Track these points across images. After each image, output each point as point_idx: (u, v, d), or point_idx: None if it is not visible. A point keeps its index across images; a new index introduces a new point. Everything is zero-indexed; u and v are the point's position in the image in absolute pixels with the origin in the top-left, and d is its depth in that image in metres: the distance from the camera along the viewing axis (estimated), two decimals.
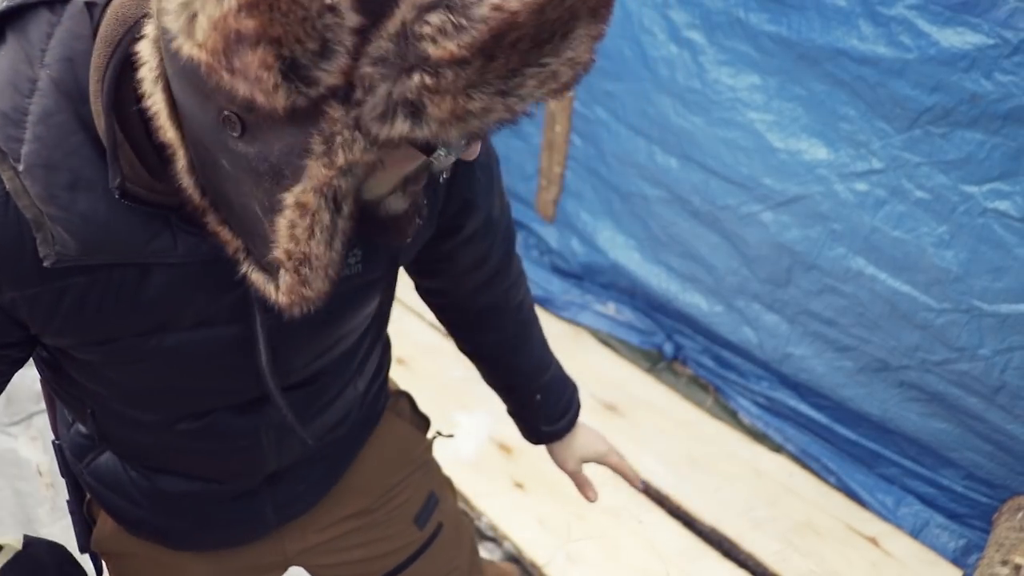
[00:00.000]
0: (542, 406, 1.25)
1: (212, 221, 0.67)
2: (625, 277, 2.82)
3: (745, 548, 2.12)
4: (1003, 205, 1.85)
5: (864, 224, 2.11)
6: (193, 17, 0.51)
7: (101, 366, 0.83)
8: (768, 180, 2.27)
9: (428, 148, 0.56)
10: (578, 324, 2.88)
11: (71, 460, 1.05)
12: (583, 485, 1.30)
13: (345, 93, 0.52)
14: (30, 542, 0.97)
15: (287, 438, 0.98)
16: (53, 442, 1.08)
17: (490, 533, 2.16)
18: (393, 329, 1.18)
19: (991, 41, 1.77)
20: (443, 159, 0.59)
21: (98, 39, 0.66)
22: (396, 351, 2.64)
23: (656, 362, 2.75)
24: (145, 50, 0.61)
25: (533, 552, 2.08)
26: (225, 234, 0.68)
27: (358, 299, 0.91)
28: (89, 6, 0.67)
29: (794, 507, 2.25)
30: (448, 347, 2.75)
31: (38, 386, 1.04)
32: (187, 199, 0.67)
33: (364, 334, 1.02)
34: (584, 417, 2.53)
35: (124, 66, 0.65)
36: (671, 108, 2.45)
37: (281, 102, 0.52)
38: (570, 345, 2.79)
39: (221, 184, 0.63)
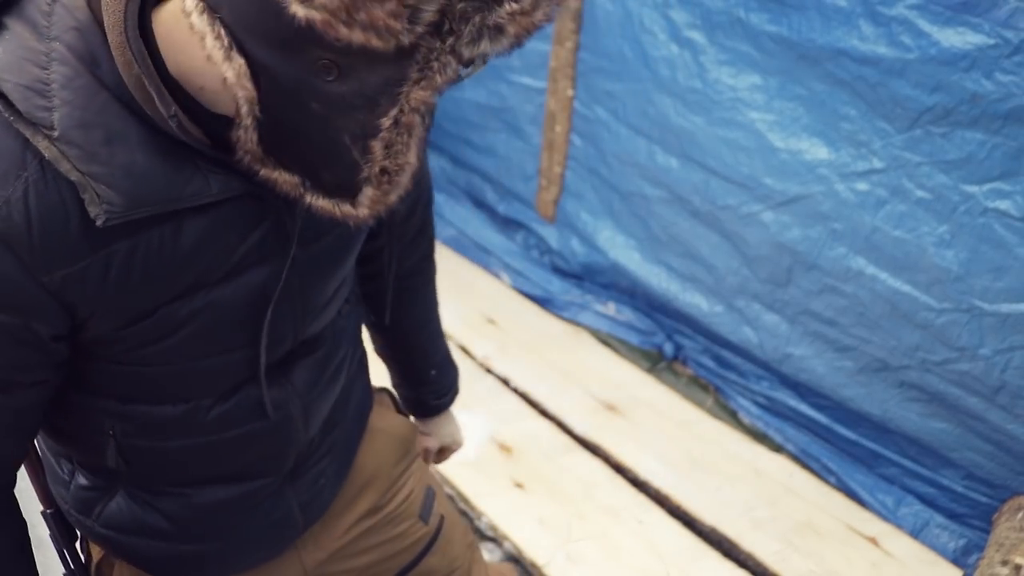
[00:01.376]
0: (436, 380, 1.36)
1: (266, 168, 0.73)
2: (625, 277, 2.82)
3: (745, 548, 2.12)
4: (1004, 205, 1.85)
5: (865, 224, 2.11)
6: None
7: (132, 352, 0.83)
8: (769, 180, 2.27)
9: (474, 61, 0.66)
10: (578, 324, 2.88)
11: (77, 520, 1.03)
12: (428, 462, 1.42)
13: (438, 26, 0.61)
14: None
15: (312, 407, 1.01)
16: (42, 513, 1.04)
17: (490, 533, 2.16)
18: None
19: (992, 41, 1.77)
20: (476, 68, 0.67)
21: (104, 2, 0.69)
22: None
23: (656, 362, 2.75)
24: (200, 23, 0.65)
25: (533, 552, 2.08)
26: (281, 175, 0.73)
27: (357, 233, 0.98)
28: None
29: (794, 507, 2.25)
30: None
31: None
32: (242, 150, 0.71)
33: (348, 300, 1.07)
34: (584, 417, 2.54)
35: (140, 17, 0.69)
36: (672, 108, 2.45)
37: (396, 43, 0.60)
38: (570, 345, 2.79)
39: (300, 127, 0.69)
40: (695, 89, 2.37)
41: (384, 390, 1.33)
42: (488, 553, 2.13)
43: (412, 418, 1.37)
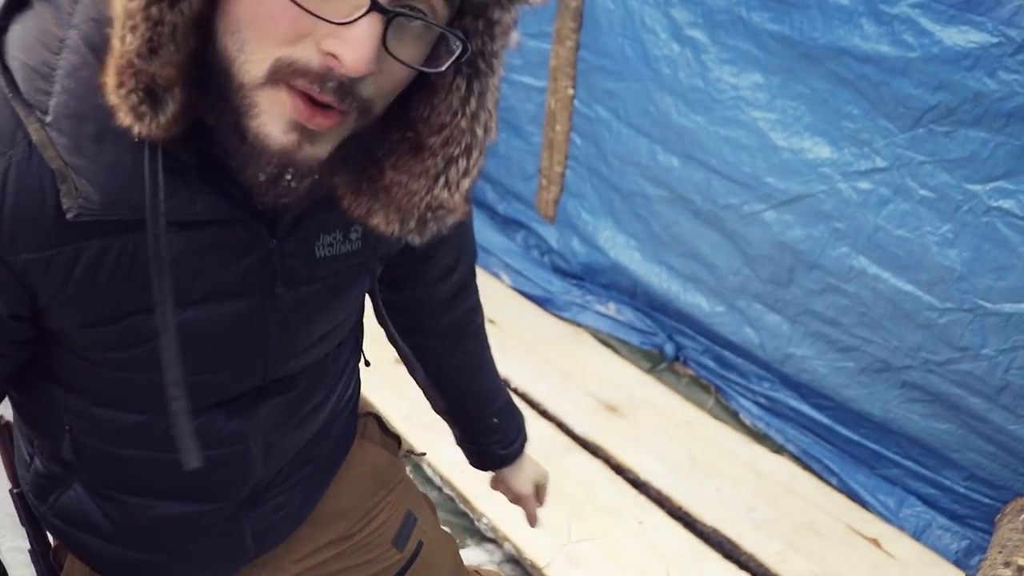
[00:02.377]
0: (499, 429, 1.26)
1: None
2: (626, 277, 2.81)
3: (746, 549, 2.12)
4: (1007, 204, 1.84)
5: (867, 223, 2.10)
6: None
7: (99, 353, 0.81)
8: (771, 179, 2.27)
9: None
10: (578, 324, 2.87)
11: (33, 503, 1.02)
12: (533, 510, 1.34)
13: None
14: None
15: (274, 445, 0.97)
16: (11, 491, 1.03)
17: (490, 534, 2.15)
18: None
19: (995, 40, 1.76)
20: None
21: None
22: (395, 352, 2.64)
23: (657, 362, 2.74)
24: None
25: (533, 553, 2.07)
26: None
27: (354, 278, 0.93)
28: None
29: (795, 508, 2.24)
30: None
31: None
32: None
33: (342, 346, 1.02)
34: (585, 417, 2.53)
35: None
36: (673, 107, 2.45)
37: None
38: (570, 345, 2.78)
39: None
40: (697, 88, 2.37)
41: (370, 415, 1.26)
42: (488, 554, 2.12)
43: (488, 471, 1.34)
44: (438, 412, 1.30)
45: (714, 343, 2.65)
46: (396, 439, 1.28)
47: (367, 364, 1.15)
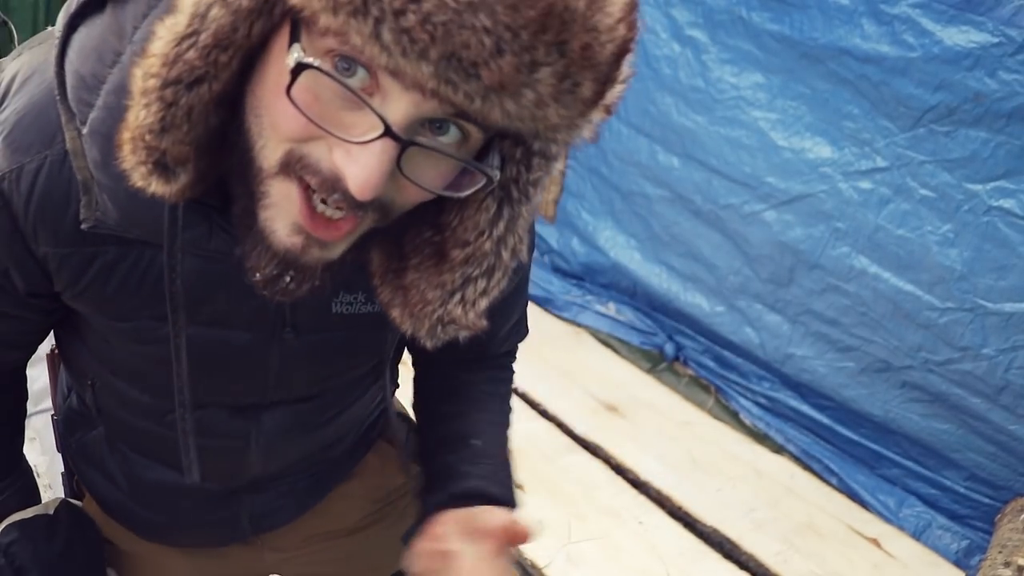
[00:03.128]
0: (477, 453, 0.98)
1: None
2: (626, 277, 2.81)
3: (746, 549, 2.11)
4: (1007, 203, 1.84)
5: (868, 223, 2.10)
6: None
7: (114, 341, 0.83)
8: (771, 179, 2.27)
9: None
10: (578, 324, 2.87)
11: (62, 433, 1.05)
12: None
13: None
14: (60, 507, 0.99)
15: (276, 448, 0.97)
16: (52, 416, 1.07)
17: None
18: None
19: (995, 40, 1.76)
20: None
21: None
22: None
23: (657, 362, 2.74)
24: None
25: (533, 553, 2.07)
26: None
27: (371, 334, 0.90)
28: None
29: (795, 508, 2.24)
30: None
31: (35, 387, 1.04)
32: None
33: (375, 365, 0.99)
34: (585, 418, 2.52)
35: None
36: (673, 107, 2.44)
37: None
38: (570, 345, 2.78)
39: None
40: (697, 88, 2.37)
41: (403, 418, 1.21)
42: None
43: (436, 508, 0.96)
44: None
45: (714, 343, 2.64)
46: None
47: (396, 386, 1.11)
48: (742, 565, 2.09)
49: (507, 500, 0.94)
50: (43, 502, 1.00)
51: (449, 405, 1.03)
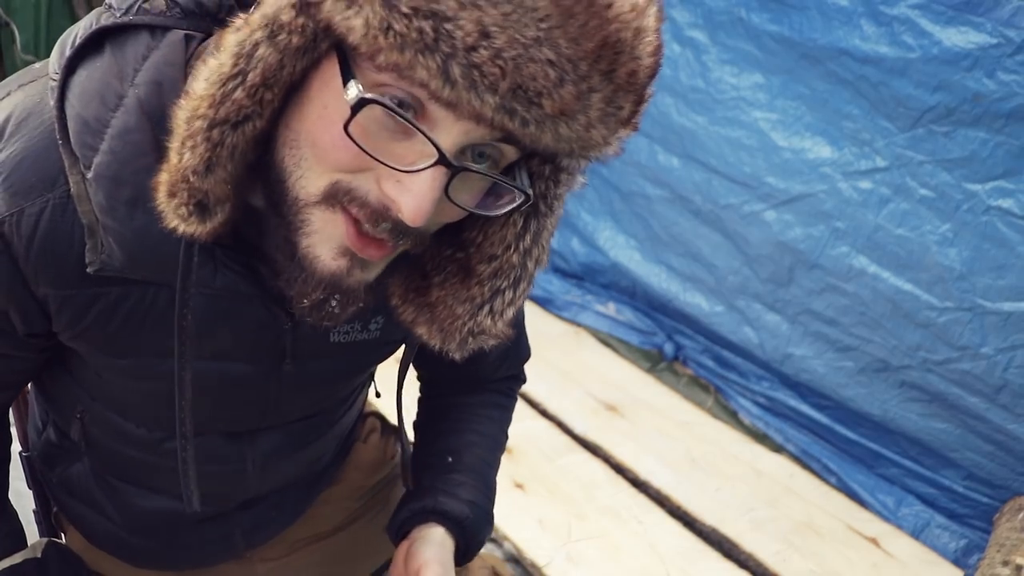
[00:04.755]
0: (448, 469, 1.02)
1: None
2: (626, 277, 2.82)
3: (745, 548, 2.12)
4: (1006, 203, 1.85)
5: (867, 222, 2.10)
6: None
7: (109, 377, 0.83)
8: (771, 179, 2.27)
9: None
10: (578, 324, 2.87)
11: (40, 469, 1.04)
12: None
13: None
14: (47, 548, 0.98)
15: (271, 467, 0.98)
16: (20, 454, 1.05)
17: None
18: None
19: (994, 40, 1.77)
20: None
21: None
22: (396, 352, 2.64)
23: (656, 362, 2.74)
24: None
25: (533, 552, 2.07)
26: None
27: (374, 357, 0.94)
28: (188, 38, 0.68)
29: (795, 507, 2.24)
30: None
31: None
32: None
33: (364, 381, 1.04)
34: (584, 417, 2.52)
35: None
36: (673, 107, 2.45)
37: None
38: (570, 345, 2.78)
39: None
40: (697, 88, 2.37)
41: (373, 414, 1.26)
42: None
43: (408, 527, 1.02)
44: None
45: (714, 343, 2.65)
46: (394, 429, 1.26)
47: (377, 395, 1.15)
48: (741, 564, 2.09)
49: (461, 515, 0.96)
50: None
51: (440, 423, 1.08)
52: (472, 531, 0.97)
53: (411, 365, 0.97)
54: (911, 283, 2.06)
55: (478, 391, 1.11)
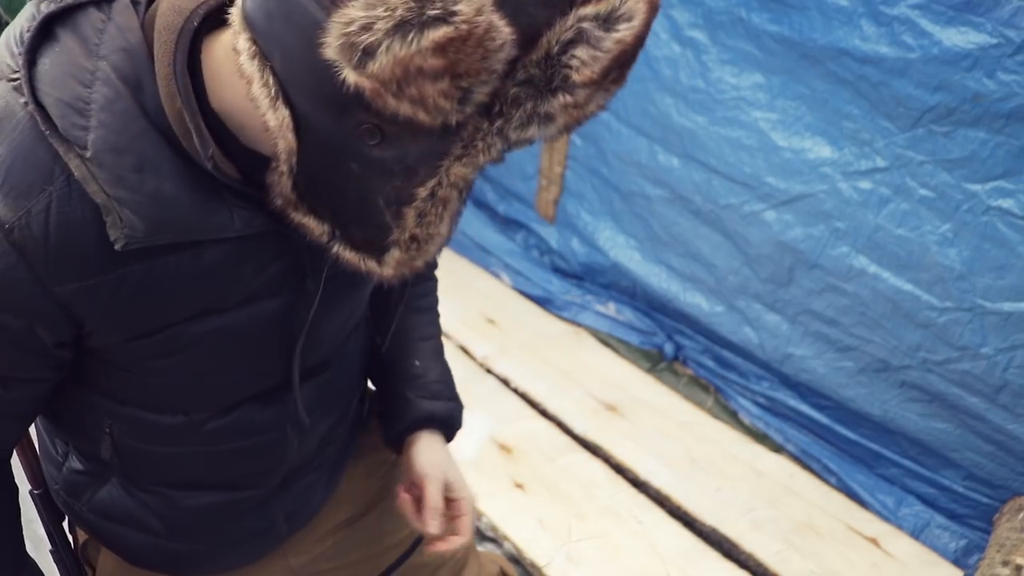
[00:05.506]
0: (419, 375, 1.14)
1: (297, 213, 0.73)
2: (626, 277, 2.82)
3: (745, 548, 2.12)
4: (1006, 203, 1.85)
5: (867, 222, 2.10)
6: (363, 51, 0.57)
7: (141, 363, 0.83)
8: (771, 179, 2.27)
9: (523, 144, 0.67)
10: (578, 324, 2.87)
11: (65, 501, 1.04)
12: (431, 501, 1.06)
13: (488, 107, 0.62)
14: None
15: (307, 430, 1.01)
16: (31, 492, 1.05)
17: (490, 533, 2.15)
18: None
19: (994, 40, 1.77)
20: (521, 146, 0.68)
21: (158, 28, 0.70)
22: None
23: (656, 362, 2.74)
24: (249, 67, 0.65)
25: (533, 552, 2.07)
26: (311, 222, 0.73)
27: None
28: (134, 3, 0.72)
29: (795, 507, 2.24)
30: (448, 347, 2.73)
31: None
32: (276, 194, 0.72)
33: (358, 329, 1.06)
34: (584, 417, 2.53)
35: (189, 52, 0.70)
36: (673, 107, 2.45)
37: (443, 121, 0.60)
38: (570, 345, 2.78)
39: (336, 183, 0.69)
40: (697, 88, 2.37)
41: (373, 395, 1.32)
42: None
43: (396, 455, 1.16)
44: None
45: (714, 343, 2.65)
46: None
47: (380, 348, 1.18)
48: (741, 564, 2.09)
49: (452, 416, 1.14)
50: None
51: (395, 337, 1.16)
52: (456, 422, 1.15)
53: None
54: (911, 283, 2.07)
55: (402, 291, 1.15)
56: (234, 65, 0.66)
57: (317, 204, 0.72)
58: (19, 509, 0.96)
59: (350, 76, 0.59)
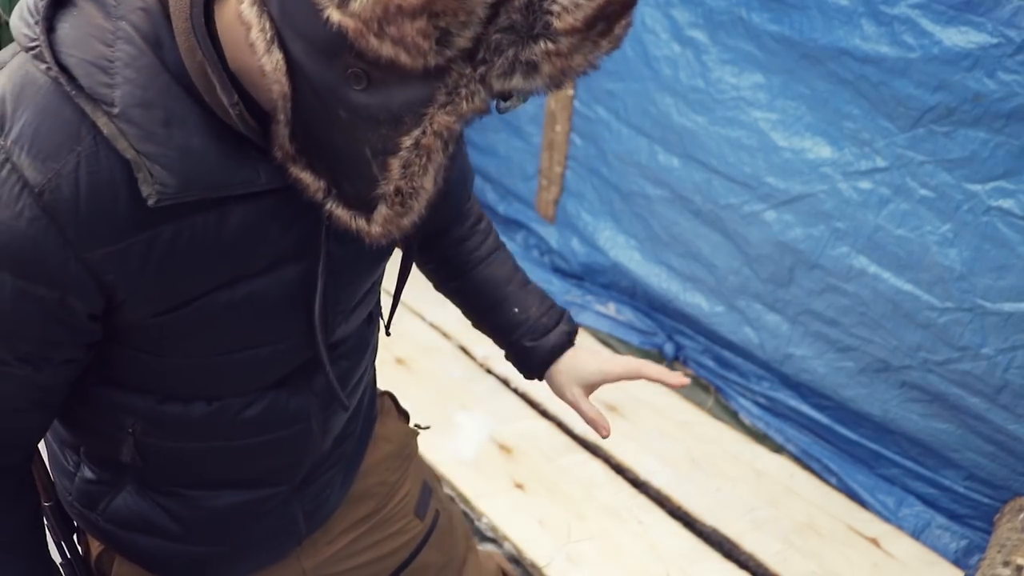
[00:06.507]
0: (523, 322, 1.19)
1: (295, 167, 0.73)
2: (626, 277, 2.81)
3: (746, 549, 2.12)
4: (1007, 203, 1.84)
5: (868, 223, 2.10)
6: None
7: (169, 343, 0.83)
8: (771, 179, 2.27)
9: (508, 95, 0.66)
10: (578, 324, 2.87)
11: (79, 513, 1.03)
12: (589, 414, 1.15)
13: (471, 53, 0.62)
14: None
15: (330, 420, 1.01)
16: (43, 504, 1.03)
17: (490, 534, 2.15)
18: (393, 329, 1.18)
19: (994, 40, 1.77)
20: (514, 103, 0.69)
21: None
22: (396, 351, 2.65)
23: (657, 362, 2.74)
24: (249, 13, 0.66)
25: (533, 553, 2.07)
26: (307, 177, 0.74)
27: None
28: None
29: (795, 508, 2.24)
30: (448, 347, 2.74)
31: None
32: (277, 146, 0.73)
33: (372, 315, 1.06)
34: None
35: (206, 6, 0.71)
36: (673, 107, 2.45)
37: (426, 63, 0.61)
38: None
39: (326, 132, 0.70)
40: (697, 88, 2.37)
41: (385, 393, 1.32)
42: None
43: (539, 379, 1.22)
44: (474, 321, 1.26)
45: (714, 343, 2.65)
46: (406, 415, 1.34)
47: (388, 333, 1.19)
48: (742, 564, 2.09)
49: (568, 334, 1.18)
50: None
51: (479, 295, 1.21)
52: (572, 332, 1.19)
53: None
54: (911, 283, 2.06)
55: (471, 240, 1.20)
56: (239, 18, 0.67)
57: (313, 157, 0.73)
58: (41, 515, 0.96)
59: (334, 15, 0.60)
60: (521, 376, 1.23)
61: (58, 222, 0.70)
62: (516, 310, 1.18)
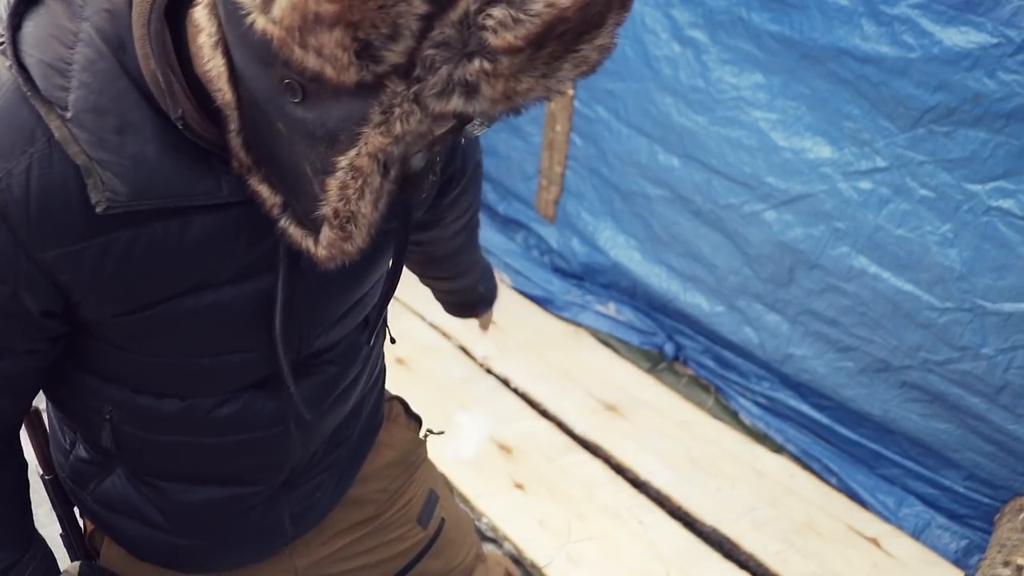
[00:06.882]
0: (483, 290, 1.51)
1: (253, 179, 0.72)
2: (626, 277, 2.81)
3: (746, 549, 2.12)
4: (1007, 203, 1.84)
5: (868, 223, 2.10)
6: None
7: (135, 341, 0.82)
8: (771, 179, 2.27)
9: (467, 119, 0.63)
10: (578, 324, 2.87)
11: (72, 489, 1.03)
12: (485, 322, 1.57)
13: (406, 70, 0.57)
14: (83, 570, 1.00)
15: (312, 426, 0.99)
16: (42, 477, 1.05)
17: (490, 534, 2.15)
18: (393, 329, 1.18)
19: (994, 40, 1.76)
20: (476, 128, 0.65)
21: None
22: (396, 351, 2.65)
23: (657, 362, 2.74)
24: (201, 16, 0.65)
25: (533, 553, 2.07)
26: (264, 191, 0.72)
27: (382, 247, 0.93)
28: None
29: (795, 508, 2.24)
30: (448, 347, 2.74)
31: None
32: (234, 156, 0.71)
33: (371, 322, 1.03)
34: (584, 417, 2.53)
35: (167, 11, 0.69)
36: (673, 107, 2.45)
37: (350, 77, 0.57)
38: (570, 345, 2.78)
39: (272, 145, 0.68)
40: (697, 88, 2.37)
41: (396, 399, 1.30)
42: None
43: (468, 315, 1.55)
44: (438, 292, 1.50)
45: (714, 343, 2.65)
46: (418, 420, 1.32)
47: (392, 341, 1.18)
48: (742, 565, 2.09)
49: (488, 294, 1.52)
50: (62, 569, 1.00)
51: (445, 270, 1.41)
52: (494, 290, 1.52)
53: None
54: (911, 283, 2.06)
55: (458, 230, 1.30)
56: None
57: (268, 171, 0.71)
58: (27, 483, 0.96)
59: (259, 22, 0.58)
60: (521, 376, 1.24)
61: (8, 221, 0.70)
62: (481, 289, 1.48)
